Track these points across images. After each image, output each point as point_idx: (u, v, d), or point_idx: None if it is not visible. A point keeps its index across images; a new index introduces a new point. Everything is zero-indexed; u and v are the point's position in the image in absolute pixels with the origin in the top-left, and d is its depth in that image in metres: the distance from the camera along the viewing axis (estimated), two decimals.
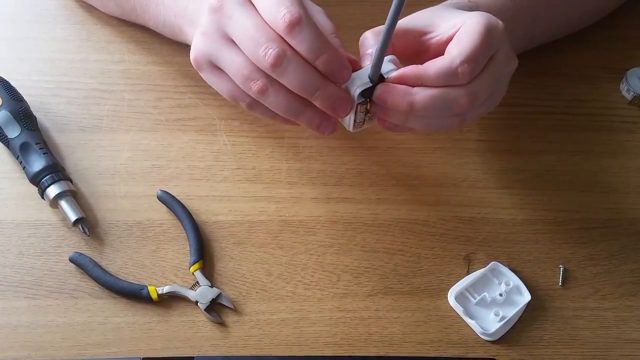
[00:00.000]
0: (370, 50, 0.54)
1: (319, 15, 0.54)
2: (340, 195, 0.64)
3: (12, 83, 0.65)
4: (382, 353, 0.57)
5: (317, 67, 0.50)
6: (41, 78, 0.68)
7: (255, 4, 0.51)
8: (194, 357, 0.55)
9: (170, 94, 0.68)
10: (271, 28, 0.50)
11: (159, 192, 0.62)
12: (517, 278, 0.59)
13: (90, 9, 0.73)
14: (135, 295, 0.57)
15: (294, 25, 0.49)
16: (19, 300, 0.57)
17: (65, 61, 0.70)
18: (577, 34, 0.73)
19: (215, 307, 0.58)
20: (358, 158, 0.66)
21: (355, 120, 0.55)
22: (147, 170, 0.64)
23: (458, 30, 0.53)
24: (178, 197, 0.62)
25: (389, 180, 0.65)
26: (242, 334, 0.57)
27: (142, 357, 0.55)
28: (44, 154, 0.61)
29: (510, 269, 0.60)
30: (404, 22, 0.56)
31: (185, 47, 0.69)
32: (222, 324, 0.57)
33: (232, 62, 0.52)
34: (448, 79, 0.51)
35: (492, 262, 0.60)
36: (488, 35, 0.52)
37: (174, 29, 0.63)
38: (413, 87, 0.52)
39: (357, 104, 0.53)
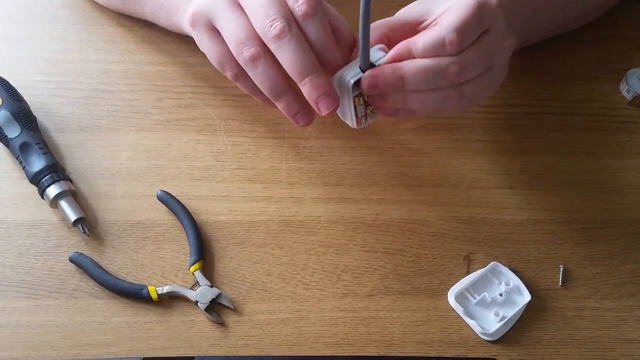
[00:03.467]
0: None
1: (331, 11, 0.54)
2: (340, 195, 0.64)
3: (12, 83, 0.65)
4: (382, 353, 0.57)
5: (318, 56, 0.51)
6: (41, 78, 0.68)
7: None
8: (194, 357, 0.55)
9: (170, 94, 0.68)
10: (286, 5, 0.50)
11: (159, 192, 0.62)
12: (517, 278, 0.59)
13: (91, 9, 0.73)
14: (135, 295, 0.57)
15: (308, 15, 0.49)
16: (19, 300, 0.57)
17: (66, 61, 0.70)
18: (577, 33, 0.74)
19: (215, 307, 0.58)
20: (358, 158, 0.66)
21: (356, 115, 0.54)
22: (147, 170, 0.64)
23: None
24: (178, 197, 0.62)
25: (389, 181, 0.65)
26: (242, 334, 0.57)
27: (142, 357, 0.55)
28: (43, 154, 0.61)
29: (510, 269, 0.60)
30: (400, 14, 0.56)
31: (185, 48, 0.70)
32: (222, 324, 0.57)
33: (232, 23, 0.51)
34: (437, 49, 0.51)
35: (492, 262, 0.60)
36: (479, 9, 0.51)
37: (171, 9, 0.62)
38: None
39: (354, 97, 0.53)
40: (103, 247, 0.60)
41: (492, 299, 0.59)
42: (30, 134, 0.62)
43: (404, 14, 0.56)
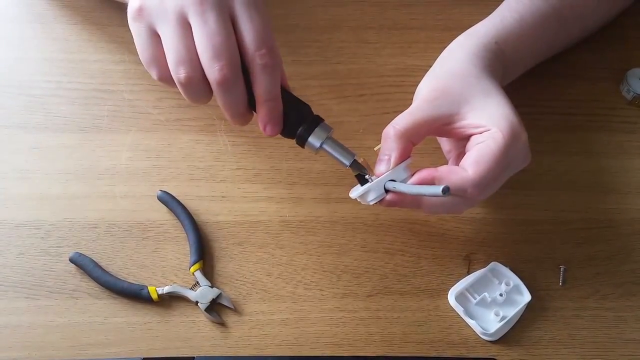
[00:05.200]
0: (387, 156, 0.55)
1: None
2: (340, 195, 0.63)
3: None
4: (382, 353, 0.57)
5: (259, 110, 0.51)
6: (41, 78, 0.68)
7: (235, 18, 0.49)
8: (194, 357, 0.55)
9: (171, 94, 0.68)
10: (236, 46, 0.49)
11: (159, 192, 0.62)
12: (517, 278, 0.59)
13: (92, 9, 0.73)
14: (135, 295, 0.57)
15: (267, 67, 0.49)
16: (19, 301, 0.57)
17: (66, 61, 0.70)
18: None
19: (215, 308, 0.58)
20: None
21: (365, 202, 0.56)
22: (147, 171, 0.64)
23: (478, 144, 0.54)
24: (178, 198, 0.62)
25: None
26: (242, 334, 0.57)
27: (142, 357, 0.55)
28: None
29: (510, 269, 0.60)
30: (427, 111, 0.56)
31: None
32: (222, 324, 0.57)
33: (176, 41, 0.49)
34: (458, 193, 0.53)
35: (492, 262, 0.60)
36: (505, 159, 0.53)
37: None
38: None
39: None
40: (103, 247, 0.60)
41: (492, 299, 0.59)
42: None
43: (433, 112, 0.56)
